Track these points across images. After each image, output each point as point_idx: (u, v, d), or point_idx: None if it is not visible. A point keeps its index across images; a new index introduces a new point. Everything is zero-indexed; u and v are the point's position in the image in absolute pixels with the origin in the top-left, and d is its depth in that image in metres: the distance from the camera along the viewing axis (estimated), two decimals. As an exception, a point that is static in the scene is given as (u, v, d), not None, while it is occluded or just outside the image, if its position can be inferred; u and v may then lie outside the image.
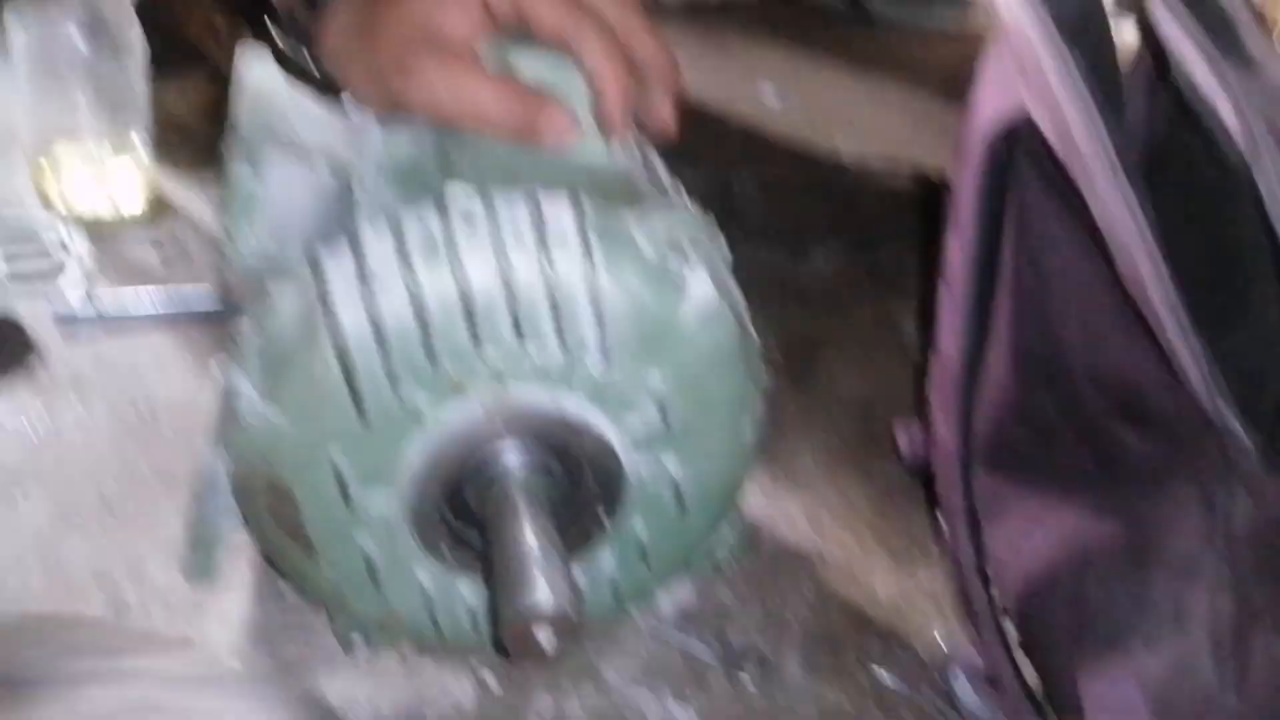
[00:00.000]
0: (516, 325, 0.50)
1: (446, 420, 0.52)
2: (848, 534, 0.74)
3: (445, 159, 0.55)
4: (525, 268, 0.50)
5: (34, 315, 0.84)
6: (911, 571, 0.71)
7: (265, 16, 0.66)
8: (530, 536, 0.50)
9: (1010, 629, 0.63)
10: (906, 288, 1.05)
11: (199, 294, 0.88)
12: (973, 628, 0.64)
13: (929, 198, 1.21)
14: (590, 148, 0.57)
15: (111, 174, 0.99)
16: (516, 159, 0.56)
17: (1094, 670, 0.58)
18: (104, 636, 0.51)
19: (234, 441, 0.52)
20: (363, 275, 0.50)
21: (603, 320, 0.51)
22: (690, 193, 0.61)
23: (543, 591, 0.47)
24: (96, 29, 0.94)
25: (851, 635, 0.67)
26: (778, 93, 1.49)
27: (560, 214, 0.51)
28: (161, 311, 0.86)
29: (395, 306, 0.49)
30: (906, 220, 1.17)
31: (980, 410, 0.64)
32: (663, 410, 0.54)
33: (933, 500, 0.68)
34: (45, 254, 0.91)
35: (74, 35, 0.94)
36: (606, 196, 0.54)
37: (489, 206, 0.51)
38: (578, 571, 0.58)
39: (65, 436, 0.74)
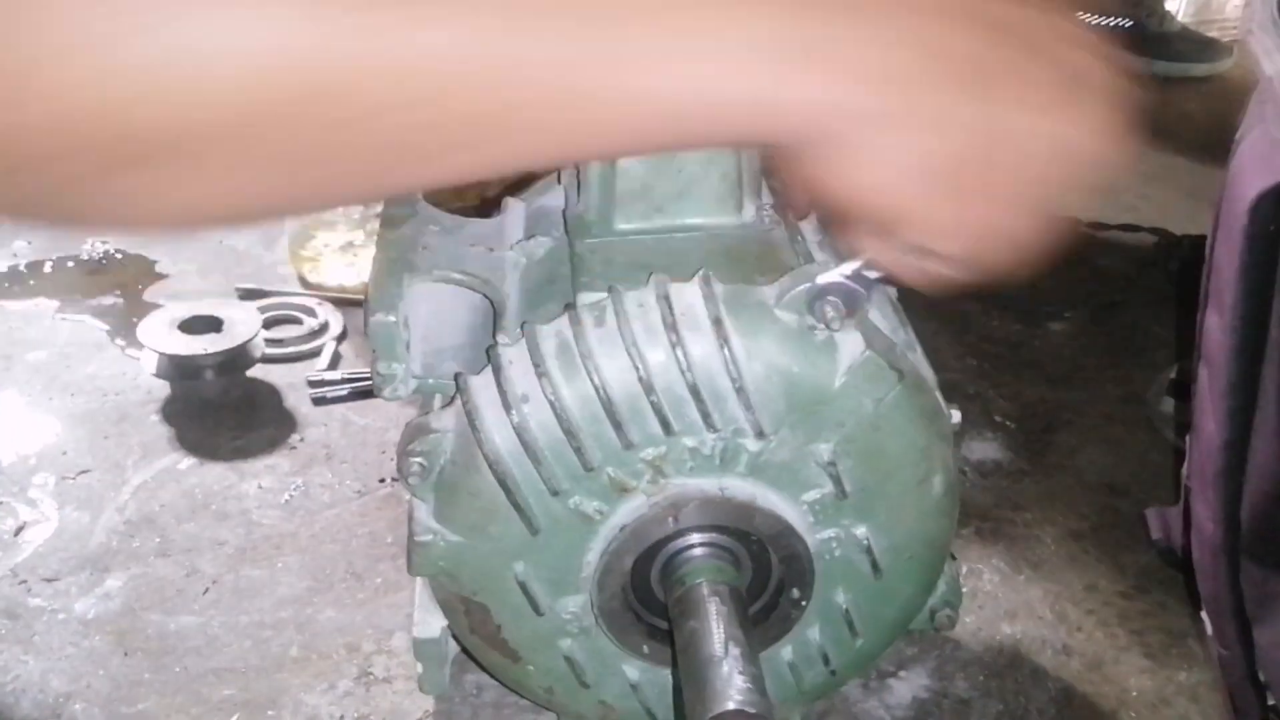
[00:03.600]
0: (663, 421, 0.50)
1: (617, 521, 0.52)
2: (1096, 627, 0.70)
3: (578, 261, 0.54)
4: (660, 362, 0.49)
5: (293, 390, 0.90)
6: (1170, 672, 0.66)
7: None
8: (714, 635, 0.48)
9: (1288, 740, 0.58)
10: (1152, 357, 0.99)
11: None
12: (1243, 737, 0.59)
13: (1174, 259, 1.14)
14: (721, 219, 0.56)
15: (360, 255, 1.06)
16: (645, 248, 0.55)
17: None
18: None
19: (420, 566, 0.54)
20: (505, 395, 0.50)
21: (750, 401, 0.49)
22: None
23: (727, 694, 0.45)
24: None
25: (1103, 737, 0.63)
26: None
27: (690, 300, 0.50)
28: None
29: (542, 421, 0.49)
30: (1149, 284, 1.11)
31: (1247, 498, 0.59)
32: (835, 478, 0.52)
33: (1194, 593, 0.64)
34: (306, 334, 0.97)
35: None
36: (743, 269, 0.52)
37: (618, 305, 0.50)
38: (786, 650, 0.56)
39: (317, 506, 0.79)
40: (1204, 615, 0.61)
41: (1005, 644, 0.68)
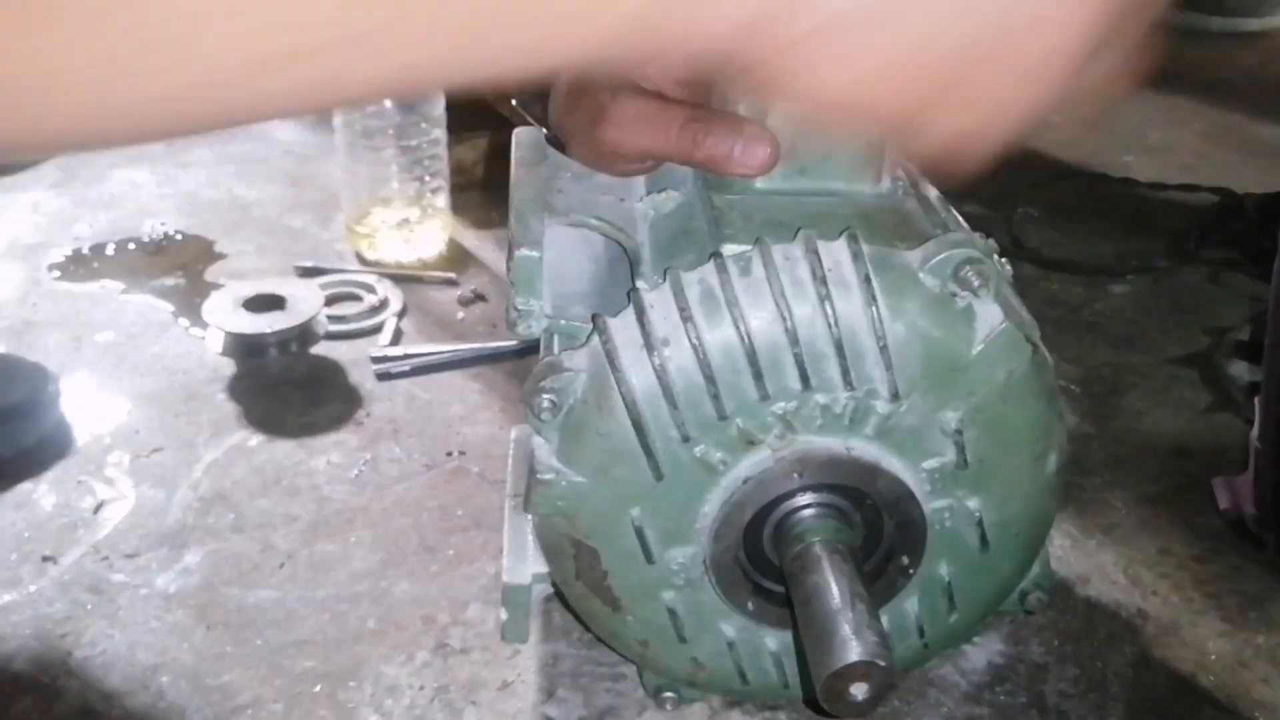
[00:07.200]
0: (803, 375, 0.50)
1: (740, 473, 0.52)
2: (1171, 590, 0.69)
3: (715, 216, 0.55)
4: (807, 315, 0.49)
5: (356, 366, 0.91)
6: (1249, 635, 0.66)
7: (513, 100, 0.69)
8: (836, 590, 0.49)
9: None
10: (1214, 317, 0.98)
11: (496, 340, 0.93)
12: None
13: (1235, 218, 1.13)
14: (860, 186, 0.56)
15: (418, 233, 1.07)
16: (785, 207, 0.55)
17: None
18: None
19: (538, 504, 0.54)
20: (648, 337, 0.50)
21: (890, 361, 0.50)
22: (972, 229, 0.59)
23: (854, 646, 0.46)
24: (406, 102, 1.01)
25: (1181, 701, 0.62)
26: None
27: (839, 257, 0.50)
28: (465, 356, 0.92)
29: (682, 365, 0.50)
30: (1211, 244, 1.09)
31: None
32: (959, 447, 0.52)
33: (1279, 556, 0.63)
34: (367, 311, 0.98)
35: (387, 107, 1.02)
36: (882, 234, 0.52)
37: (766, 258, 0.50)
38: (884, 618, 0.56)
39: (386, 480, 0.80)
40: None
41: (1079, 609, 0.68)
